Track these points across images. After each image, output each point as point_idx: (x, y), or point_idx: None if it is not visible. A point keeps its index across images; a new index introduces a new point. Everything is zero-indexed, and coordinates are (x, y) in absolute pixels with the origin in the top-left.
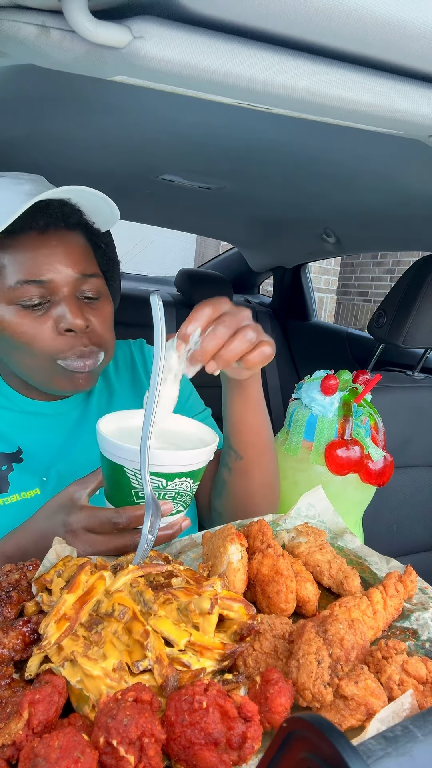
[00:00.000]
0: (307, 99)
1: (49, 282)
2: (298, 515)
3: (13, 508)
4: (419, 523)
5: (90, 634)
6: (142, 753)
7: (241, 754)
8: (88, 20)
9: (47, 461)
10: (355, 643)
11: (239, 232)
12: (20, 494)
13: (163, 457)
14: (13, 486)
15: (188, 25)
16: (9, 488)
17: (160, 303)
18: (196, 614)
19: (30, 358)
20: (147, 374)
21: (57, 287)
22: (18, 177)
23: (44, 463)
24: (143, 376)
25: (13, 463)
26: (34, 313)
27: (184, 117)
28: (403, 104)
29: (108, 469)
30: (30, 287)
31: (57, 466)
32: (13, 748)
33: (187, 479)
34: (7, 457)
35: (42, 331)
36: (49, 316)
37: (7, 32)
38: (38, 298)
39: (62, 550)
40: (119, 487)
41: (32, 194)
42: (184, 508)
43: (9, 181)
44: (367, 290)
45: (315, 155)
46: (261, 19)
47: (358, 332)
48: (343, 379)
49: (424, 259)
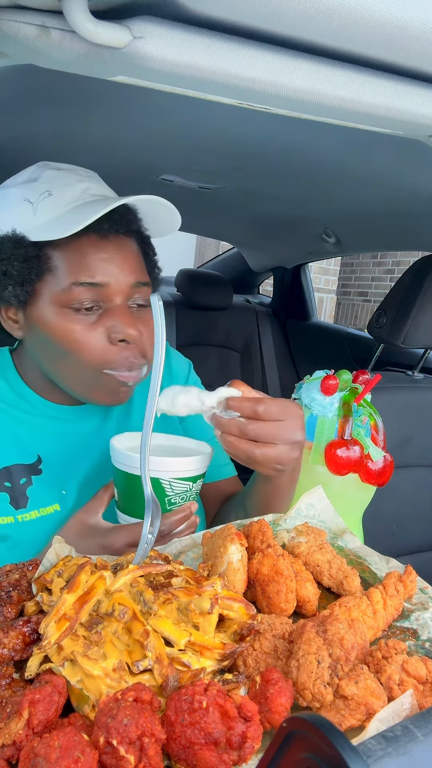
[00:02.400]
0: (307, 99)
1: (105, 286)
2: (298, 515)
3: (32, 525)
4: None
5: (90, 634)
6: (142, 753)
7: (241, 754)
8: (88, 20)
9: (66, 472)
10: (355, 643)
11: (239, 232)
12: (39, 510)
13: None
14: (32, 501)
15: (188, 25)
16: (28, 504)
17: (160, 303)
18: (196, 614)
19: (74, 367)
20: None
21: (111, 293)
22: (76, 172)
23: (63, 473)
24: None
25: (32, 476)
26: (85, 318)
27: (184, 117)
28: (403, 104)
29: (129, 483)
30: (84, 290)
31: (76, 477)
32: (13, 748)
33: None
34: (26, 469)
35: (92, 338)
36: (101, 324)
37: (7, 32)
38: (90, 302)
39: (62, 550)
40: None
41: (92, 193)
42: None
43: (70, 177)
44: (367, 290)
45: (315, 155)
46: (261, 19)
47: (358, 332)
48: (343, 379)
49: (424, 259)
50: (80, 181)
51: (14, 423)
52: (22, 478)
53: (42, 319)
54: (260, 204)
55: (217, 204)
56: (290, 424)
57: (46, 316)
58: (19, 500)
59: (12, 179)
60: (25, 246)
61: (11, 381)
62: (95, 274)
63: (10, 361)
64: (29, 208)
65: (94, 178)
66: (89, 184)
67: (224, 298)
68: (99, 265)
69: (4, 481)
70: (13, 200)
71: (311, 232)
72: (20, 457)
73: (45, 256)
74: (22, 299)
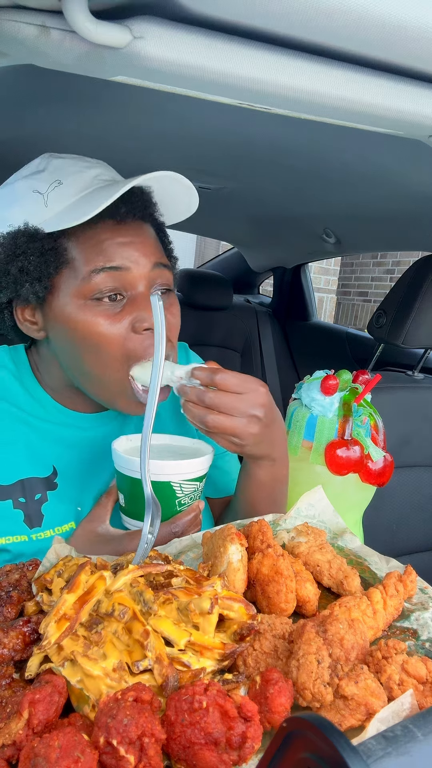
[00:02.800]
0: (307, 99)
1: (125, 270)
2: (298, 515)
3: (46, 543)
4: (419, 523)
5: (90, 634)
6: (142, 753)
7: (241, 754)
8: (88, 20)
9: (82, 485)
10: (355, 643)
11: (239, 232)
12: (54, 530)
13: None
14: (47, 519)
15: (188, 25)
16: (43, 522)
17: (161, 303)
18: (196, 614)
19: (100, 367)
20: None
21: (133, 279)
22: (84, 160)
23: (79, 487)
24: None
25: (48, 492)
26: (110, 309)
27: (184, 117)
28: (403, 104)
29: (134, 487)
30: (104, 276)
31: (92, 491)
32: (13, 748)
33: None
34: (42, 484)
35: (117, 329)
36: (125, 314)
37: (7, 32)
38: (112, 290)
39: (62, 550)
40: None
41: (104, 179)
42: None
43: (79, 165)
44: (367, 290)
45: (315, 155)
46: (261, 19)
47: (358, 332)
48: (343, 379)
49: (424, 259)
50: (90, 167)
51: (29, 430)
52: (37, 494)
53: (63, 314)
54: (260, 204)
55: (217, 204)
56: (249, 397)
57: (68, 311)
58: (33, 518)
59: (15, 174)
60: (40, 239)
61: (27, 383)
62: (114, 258)
63: (26, 360)
64: (39, 200)
65: (102, 165)
66: (100, 170)
67: (224, 298)
68: (117, 249)
69: (18, 497)
70: (21, 193)
71: (311, 232)
72: (35, 469)
73: (61, 248)
74: (41, 295)
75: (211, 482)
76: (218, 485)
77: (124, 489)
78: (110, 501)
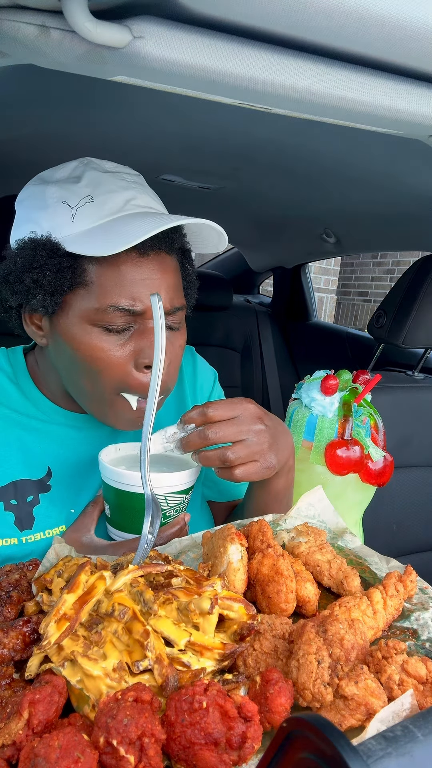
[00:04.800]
0: (307, 99)
1: (141, 311)
2: (298, 515)
3: (36, 545)
4: (419, 523)
5: (90, 634)
6: (142, 753)
7: (241, 754)
8: (88, 20)
9: (77, 486)
10: (355, 643)
11: (239, 232)
12: (45, 533)
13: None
14: (38, 522)
15: (188, 25)
16: (34, 524)
17: (161, 303)
18: (196, 614)
19: (93, 385)
20: (193, 391)
21: (147, 317)
22: (122, 177)
23: (72, 488)
24: (188, 393)
25: (40, 494)
26: (116, 338)
27: (184, 117)
28: (403, 104)
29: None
30: (120, 314)
31: (86, 492)
32: (13, 748)
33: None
34: (34, 486)
35: (118, 359)
36: (129, 345)
37: (7, 32)
38: (124, 325)
39: (62, 549)
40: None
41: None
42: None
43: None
44: (367, 290)
45: (315, 155)
46: (261, 19)
47: (358, 332)
48: (343, 379)
49: (424, 259)
50: (125, 188)
51: (24, 432)
52: (29, 496)
53: (69, 332)
54: (260, 204)
55: (217, 204)
56: (245, 416)
57: (74, 331)
58: (24, 520)
59: (50, 172)
60: (60, 256)
61: (23, 386)
62: (133, 298)
63: (24, 363)
64: (67, 213)
65: (140, 184)
66: (134, 193)
67: (224, 298)
68: (137, 288)
69: (9, 499)
70: (51, 200)
71: (311, 232)
72: (28, 471)
73: (80, 269)
74: (51, 310)
75: (215, 487)
76: (222, 490)
77: (110, 500)
78: (96, 510)
